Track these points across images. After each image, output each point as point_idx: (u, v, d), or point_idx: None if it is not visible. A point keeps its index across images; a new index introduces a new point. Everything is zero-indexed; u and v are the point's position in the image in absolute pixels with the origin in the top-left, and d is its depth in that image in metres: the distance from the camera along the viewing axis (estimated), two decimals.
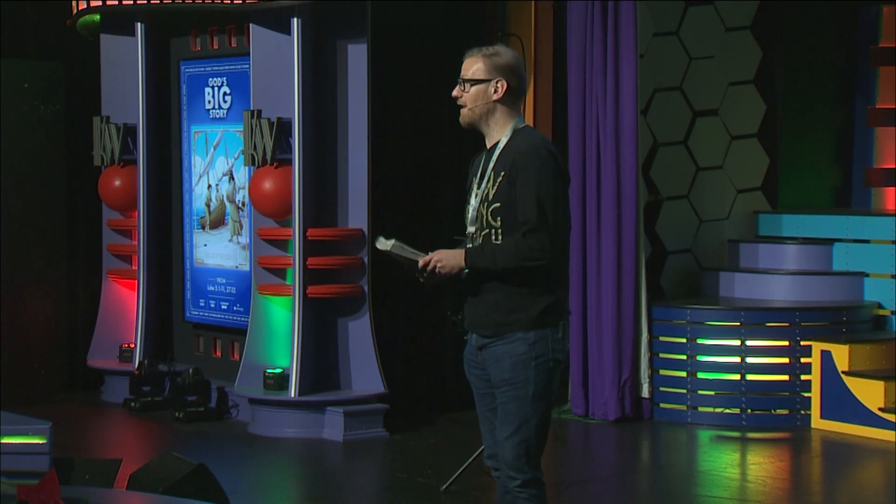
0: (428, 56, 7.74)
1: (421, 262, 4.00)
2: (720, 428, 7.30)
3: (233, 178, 7.70)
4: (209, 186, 7.84)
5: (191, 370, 7.55)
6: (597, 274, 7.49)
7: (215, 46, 7.76)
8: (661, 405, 7.53)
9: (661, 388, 7.52)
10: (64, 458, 5.37)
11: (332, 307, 7.15)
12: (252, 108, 7.19)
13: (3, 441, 5.19)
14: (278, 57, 7.10)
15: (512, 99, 4.02)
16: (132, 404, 7.73)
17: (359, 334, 7.16)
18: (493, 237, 3.98)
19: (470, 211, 4.07)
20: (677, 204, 8.22)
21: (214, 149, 7.82)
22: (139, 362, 7.84)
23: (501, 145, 4.01)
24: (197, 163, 7.95)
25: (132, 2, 7.71)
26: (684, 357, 7.48)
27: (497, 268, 3.94)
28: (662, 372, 7.54)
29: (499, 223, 3.96)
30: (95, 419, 7.66)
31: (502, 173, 3.96)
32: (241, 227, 7.63)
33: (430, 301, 7.83)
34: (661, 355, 7.54)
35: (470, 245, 4.07)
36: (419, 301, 7.78)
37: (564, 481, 6.24)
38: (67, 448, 6.08)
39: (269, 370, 7.13)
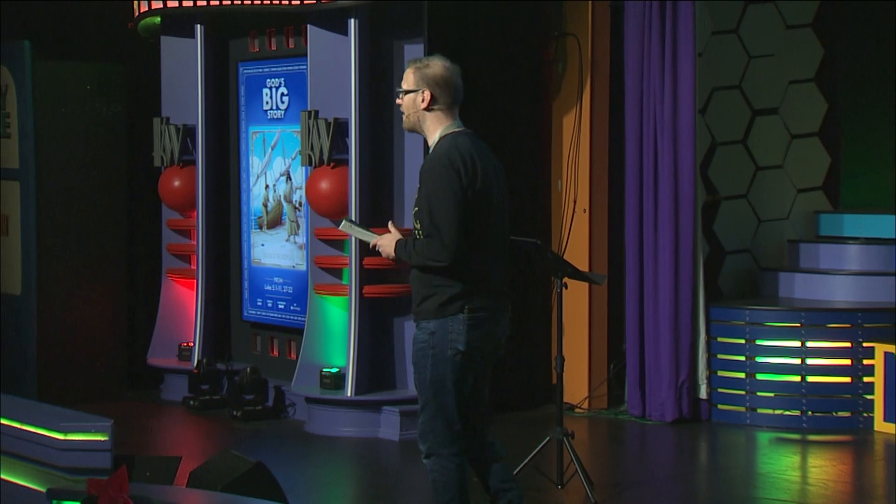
0: (484, 56, 7.73)
1: (371, 244, 4.52)
2: (780, 430, 7.22)
3: (290, 179, 7.75)
4: (267, 186, 7.90)
5: (248, 369, 7.61)
6: (653, 274, 7.44)
7: (273, 48, 7.82)
8: (720, 406, 7.46)
9: (720, 390, 7.45)
10: (125, 455, 5.44)
11: (388, 307, 7.17)
12: (309, 109, 7.23)
13: (66, 438, 5.27)
14: (335, 57, 7.13)
15: (439, 107, 4.40)
16: (191, 402, 7.81)
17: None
18: (418, 237, 4.39)
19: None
20: (736, 203, 8.14)
21: (272, 149, 7.87)
22: (198, 361, 7.92)
23: (428, 154, 4.43)
24: (255, 163, 8.01)
25: (192, 4, 7.79)
26: (743, 358, 7.40)
27: (412, 262, 4.41)
28: (720, 373, 7.47)
29: (418, 224, 4.38)
30: (155, 417, 7.75)
31: (420, 180, 4.39)
32: (298, 226, 7.68)
33: None
34: (719, 356, 7.46)
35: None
36: None
37: (621, 482, 6.20)
38: (128, 445, 6.16)
39: (325, 369, 7.16)
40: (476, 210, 4.33)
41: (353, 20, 7.04)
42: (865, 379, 7.21)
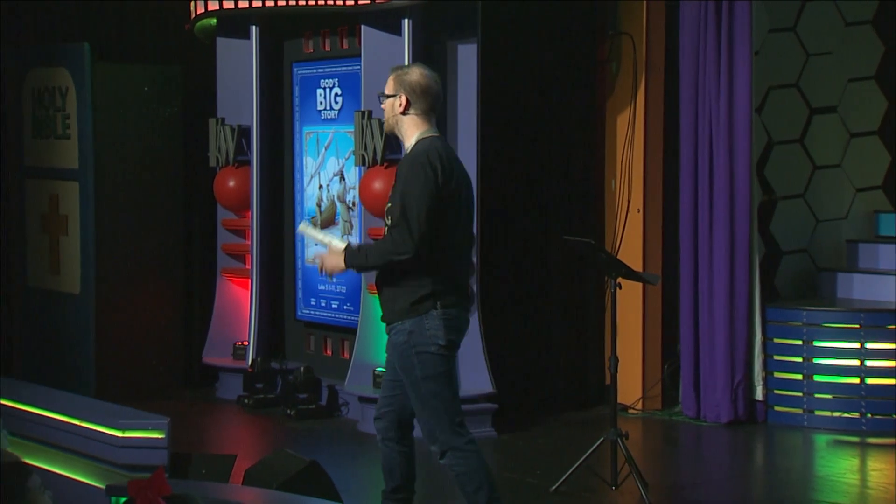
0: (539, 56, 7.71)
1: (309, 258, 4.57)
2: (838, 432, 7.12)
3: (343, 179, 7.78)
4: (320, 186, 7.94)
5: (302, 368, 7.65)
6: (708, 274, 7.38)
7: (327, 48, 7.85)
8: (776, 408, 7.38)
9: (776, 391, 7.37)
10: (181, 452, 5.49)
11: None
12: (363, 109, 7.26)
13: (124, 435, 5.33)
14: (389, 58, 7.13)
15: (415, 112, 4.56)
16: (245, 401, 7.87)
17: (467, 334, 7.11)
18: (386, 234, 4.52)
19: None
20: (793, 203, 8.05)
21: (326, 149, 7.91)
22: (252, 360, 7.98)
23: (406, 154, 4.58)
24: (308, 163, 8.05)
25: (247, 5, 7.85)
26: (800, 359, 7.32)
27: (369, 264, 4.53)
28: (777, 374, 7.39)
29: (389, 221, 4.51)
30: (210, 415, 7.82)
31: (395, 177, 4.53)
32: (352, 226, 7.71)
33: (539, 301, 7.80)
34: (776, 357, 7.38)
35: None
36: (528, 301, 7.76)
37: (676, 484, 6.16)
38: (184, 443, 6.21)
39: (378, 368, 7.18)
40: (447, 209, 4.48)
41: (406, 20, 7.06)
42: None
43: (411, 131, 4.59)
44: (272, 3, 7.71)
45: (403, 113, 4.57)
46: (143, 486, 3.89)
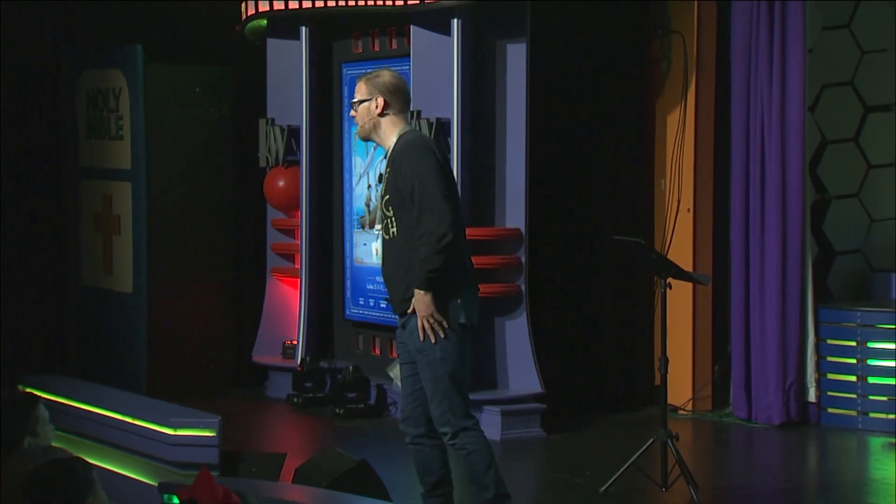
0: (588, 55, 7.68)
1: (423, 338, 4.50)
2: (894, 435, 7.01)
3: None
4: (369, 186, 7.96)
5: (351, 367, 7.68)
6: (760, 275, 7.31)
7: (376, 48, 7.87)
8: (829, 410, 7.29)
9: (829, 393, 7.29)
10: (232, 451, 5.53)
11: (489, 306, 7.16)
12: (412, 109, 7.26)
13: (176, 433, 5.38)
14: (438, 58, 7.15)
15: (393, 111, 4.64)
16: (294, 400, 7.91)
17: (516, 334, 7.15)
18: (391, 225, 4.58)
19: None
20: (847, 203, 7.94)
21: (374, 149, 7.93)
22: (301, 359, 8.02)
23: (390, 151, 4.63)
24: (357, 163, 8.08)
25: (297, 6, 7.90)
26: (854, 361, 7.22)
27: (433, 267, 4.44)
28: (830, 376, 7.30)
29: (391, 212, 4.57)
30: (260, 414, 7.87)
31: (388, 170, 4.61)
32: None
33: (588, 301, 7.77)
34: (829, 359, 7.29)
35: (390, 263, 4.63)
36: (576, 301, 7.73)
37: (727, 485, 6.10)
38: (234, 441, 6.26)
39: None
40: (452, 187, 4.56)
41: (455, 20, 7.06)
42: None
43: (391, 130, 4.65)
44: (322, 4, 7.74)
45: (381, 114, 4.63)
46: (193, 491, 3.90)
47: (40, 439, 3.60)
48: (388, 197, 4.59)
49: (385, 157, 4.71)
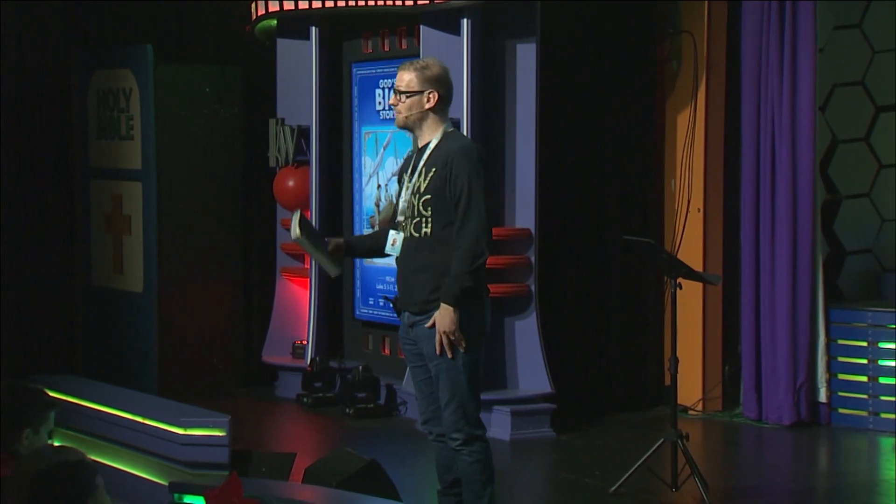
0: (597, 55, 7.67)
1: (439, 352, 4.42)
2: None
3: None
4: (379, 186, 7.96)
5: (360, 367, 7.68)
6: (770, 275, 7.29)
7: (386, 48, 7.88)
8: (840, 410, 7.27)
9: (840, 393, 7.27)
10: (242, 450, 5.53)
11: (498, 306, 7.15)
12: None
13: (186, 433, 5.38)
14: (448, 57, 7.09)
15: (441, 106, 4.52)
16: (304, 400, 7.91)
17: (526, 334, 7.15)
18: (424, 225, 4.46)
19: (401, 202, 4.55)
20: (857, 202, 7.92)
21: (384, 149, 7.93)
22: (311, 359, 8.02)
23: (432, 146, 4.50)
24: (367, 163, 8.08)
25: (307, 6, 7.90)
26: (865, 361, 7.20)
27: (467, 285, 4.36)
28: (841, 376, 7.28)
29: (429, 213, 4.45)
30: (269, 414, 7.87)
31: (433, 169, 4.44)
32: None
33: (598, 301, 7.76)
34: (840, 359, 7.27)
35: (401, 253, 4.55)
36: (586, 301, 7.72)
37: (737, 486, 6.09)
38: (244, 441, 6.26)
39: None
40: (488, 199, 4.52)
41: (465, 20, 7.05)
42: None
43: (436, 126, 4.51)
44: (332, 4, 7.75)
45: (433, 109, 4.49)
46: (218, 495, 3.89)
47: (38, 438, 3.54)
48: (428, 196, 4.44)
49: (414, 151, 4.58)
